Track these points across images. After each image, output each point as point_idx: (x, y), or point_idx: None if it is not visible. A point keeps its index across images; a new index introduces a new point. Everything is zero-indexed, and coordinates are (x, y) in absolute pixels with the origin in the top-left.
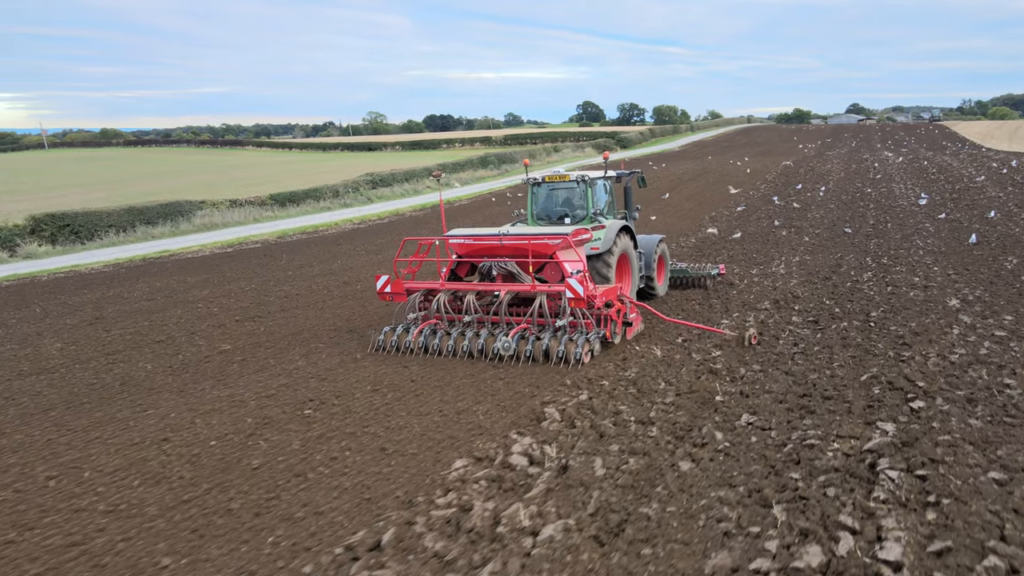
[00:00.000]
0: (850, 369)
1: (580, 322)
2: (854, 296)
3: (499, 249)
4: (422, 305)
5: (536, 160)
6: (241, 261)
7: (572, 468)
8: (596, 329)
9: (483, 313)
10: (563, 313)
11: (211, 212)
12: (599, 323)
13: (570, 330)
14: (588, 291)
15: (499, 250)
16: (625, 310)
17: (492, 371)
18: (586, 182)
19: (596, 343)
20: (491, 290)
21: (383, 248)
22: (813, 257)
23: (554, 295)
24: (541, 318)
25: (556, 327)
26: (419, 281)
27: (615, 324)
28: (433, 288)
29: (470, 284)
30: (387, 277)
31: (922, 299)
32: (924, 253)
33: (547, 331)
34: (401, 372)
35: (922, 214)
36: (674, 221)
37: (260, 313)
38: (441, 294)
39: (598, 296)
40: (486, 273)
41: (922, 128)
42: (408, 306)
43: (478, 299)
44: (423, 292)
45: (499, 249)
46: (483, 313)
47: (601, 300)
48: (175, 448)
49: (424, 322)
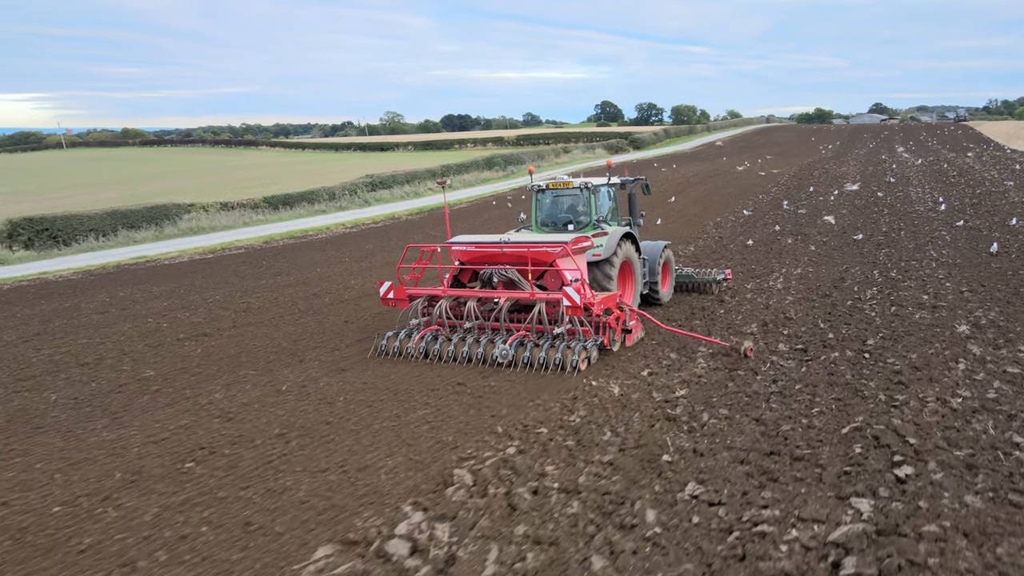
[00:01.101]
0: (831, 417)
1: (578, 330)
2: (853, 318)
3: (500, 256)
4: (425, 311)
5: (544, 161)
6: (218, 268)
7: (459, 562)
8: (594, 337)
9: (484, 319)
10: (561, 321)
11: (199, 215)
12: (598, 331)
13: (568, 337)
14: (585, 299)
15: (500, 257)
16: (624, 318)
17: (423, 412)
18: (589, 189)
19: (593, 351)
20: (491, 297)
21: (369, 254)
22: (816, 269)
23: (553, 302)
24: (540, 325)
25: (554, 334)
26: (421, 287)
27: (613, 332)
28: (435, 294)
29: (470, 291)
30: (390, 283)
31: (928, 323)
32: (937, 265)
33: (545, 338)
34: (322, 410)
35: (939, 221)
36: (676, 227)
37: (209, 330)
38: (443, 300)
39: (596, 304)
40: (487, 280)
41: (946, 128)
42: (411, 312)
43: (479, 305)
44: (425, 298)
45: (500, 256)
46: (484, 319)
47: (599, 308)
48: (8, 516)
49: (426, 328)
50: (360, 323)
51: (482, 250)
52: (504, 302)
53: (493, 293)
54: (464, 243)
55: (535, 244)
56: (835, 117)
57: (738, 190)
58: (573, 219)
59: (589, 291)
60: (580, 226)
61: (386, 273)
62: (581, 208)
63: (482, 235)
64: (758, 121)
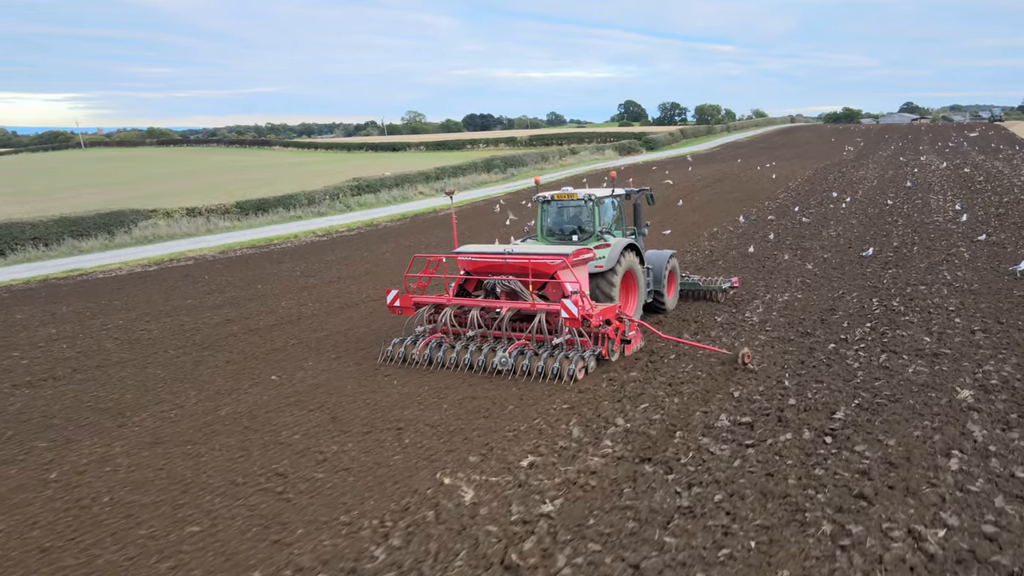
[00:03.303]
0: (742, 569)
1: (576, 340)
2: (829, 370)
3: (504, 267)
4: (431, 318)
5: (548, 164)
6: (151, 284)
7: None
8: (592, 347)
9: (487, 328)
10: (559, 331)
11: (158, 223)
12: (597, 341)
13: (567, 347)
14: (583, 311)
15: (504, 268)
16: (624, 328)
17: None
18: (593, 201)
19: (591, 361)
20: (494, 307)
21: (326, 268)
22: (806, 295)
23: (553, 313)
24: (540, 335)
25: (554, 344)
26: (427, 296)
27: (612, 342)
28: (440, 303)
29: (474, 300)
30: (396, 292)
31: (922, 381)
32: (949, 292)
33: (545, 348)
34: (80, 519)
35: (958, 234)
36: (670, 239)
37: (64, 372)
38: (447, 309)
39: (595, 315)
40: (490, 290)
41: (978, 128)
42: (416, 319)
43: (483, 314)
44: (431, 306)
45: (504, 267)
46: (487, 328)
47: (598, 319)
48: None
49: (431, 335)
50: (239, 366)
51: (487, 260)
52: (506, 312)
53: (495, 303)
54: (469, 253)
55: (537, 256)
56: (864, 117)
57: (745, 195)
58: (578, 229)
59: (588, 303)
60: (585, 236)
61: (331, 291)
62: (585, 219)
63: (487, 245)
64: (782, 121)
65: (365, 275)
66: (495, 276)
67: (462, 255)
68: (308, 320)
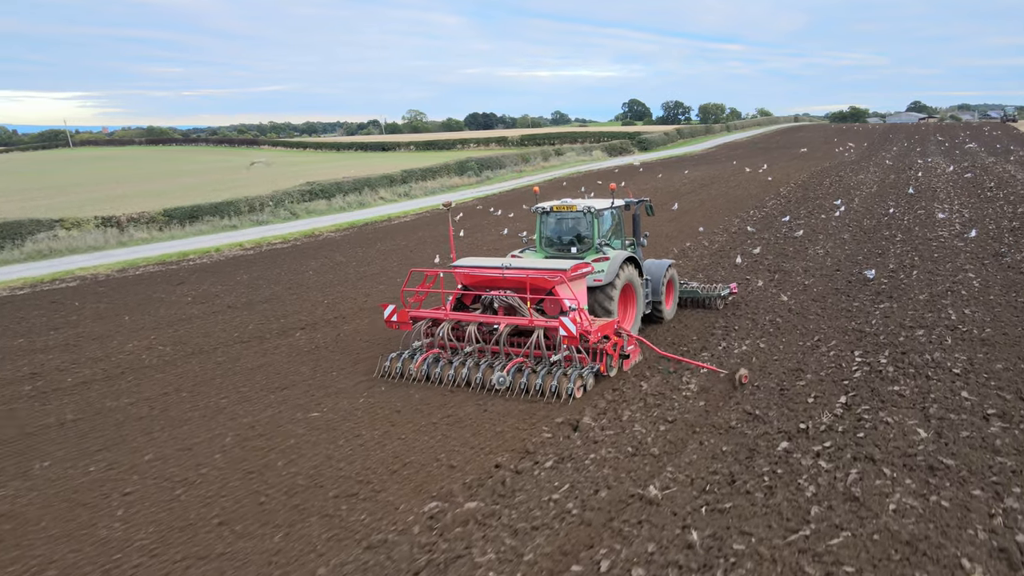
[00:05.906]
0: None
1: (575, 357)
2: (766, 508)
3: (501, 281)
4: (427, 331)
5: (528, 165)
6: (8, 312)
7: None
8: (591, 364)
9: (484, 343)
10: (558, 348)
11: (59, 234)
12: (595, 357)
13: (565, 364)
14: (581, 328)
15: (501, 282)
16: (622, 343)
17: None
18: (592, 212)
19: (590, 378)
20: (492, 322)
21: (230, 290)
22: (770, 344)
23: (552, 329)
24: (539, 351)
25: (552, 361)
26: (424, 310)
27: (611, 358)
28: (437, 317)
29: (471, 315)
30: (393, 307)
31: (908, 535)
32: (954, 341)
33: (543, 364)
34: None
35: (967, 253)
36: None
37: None
38: (445, 323)
39: (593, 332)
40: (488, 305)
41: (988, 128)
42: (413, 334)
43: (481, 329)
44: (428, 321)
45: (501, 281)
46: (484, 343)
47: (596, 335)
48: None
49: (428, 350)
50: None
51: (484, 275)
52: (503, 327)
53: (493, 319)
54: (467, 267)
55: (534, 271)
56: (871, 115)
57: (730, 202)
58: (576, 240)
59: (586, 319)
60: (583, 247)
61: (208, 325)
62: (584, 231)
63: (486, 258)
64: (786, 120)
65: (266, 302)
66: (492, 292)
67: (459, 269)
68: (139, 373)
